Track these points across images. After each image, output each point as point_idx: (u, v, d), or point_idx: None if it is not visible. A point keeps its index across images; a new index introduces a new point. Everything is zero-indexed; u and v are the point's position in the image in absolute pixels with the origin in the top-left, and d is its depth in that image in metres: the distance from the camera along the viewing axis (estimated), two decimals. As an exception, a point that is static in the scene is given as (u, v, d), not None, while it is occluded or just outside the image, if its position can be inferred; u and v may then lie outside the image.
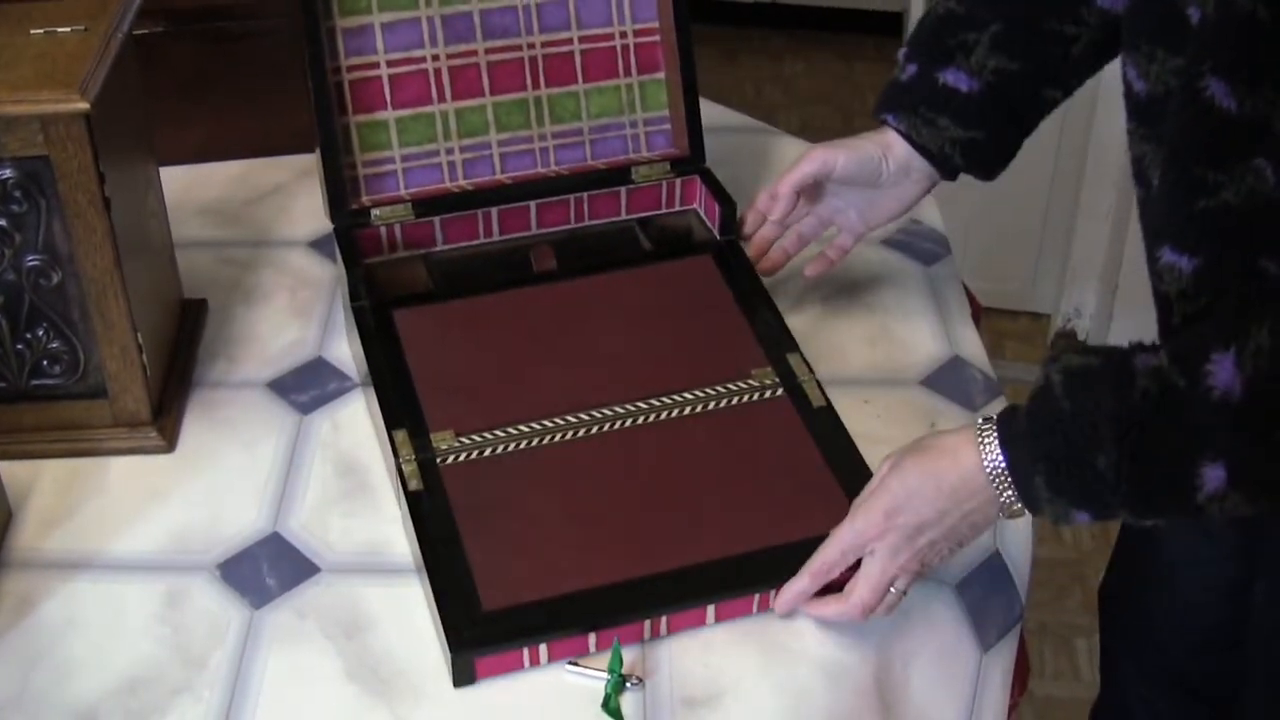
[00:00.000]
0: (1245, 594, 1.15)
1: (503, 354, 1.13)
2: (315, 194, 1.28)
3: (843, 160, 1.14)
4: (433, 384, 1.09)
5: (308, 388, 1.18)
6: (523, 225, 1.26)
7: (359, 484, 1.09)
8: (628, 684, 0.93)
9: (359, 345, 1.14)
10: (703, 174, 1.27)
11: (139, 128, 1.14)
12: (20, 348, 1.08)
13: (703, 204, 1.28)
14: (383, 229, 1.21)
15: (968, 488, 0.90)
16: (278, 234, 1.37)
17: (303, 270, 1.32)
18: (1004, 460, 0.88)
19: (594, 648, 0.95)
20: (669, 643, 0.96)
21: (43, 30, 1.04)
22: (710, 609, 0.96)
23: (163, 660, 0.96)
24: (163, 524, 1.06)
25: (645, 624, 0.95)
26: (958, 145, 1.12)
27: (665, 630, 0.96)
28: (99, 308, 1.06)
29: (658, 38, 1.28)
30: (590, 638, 0.94)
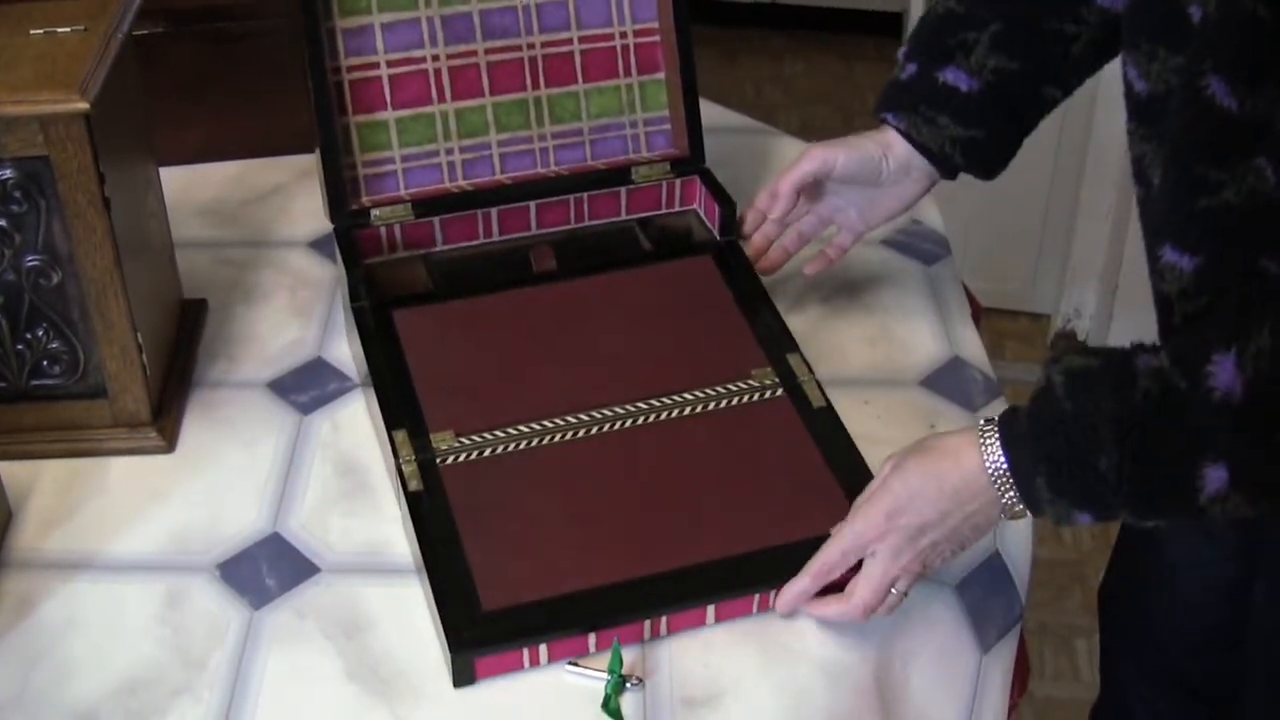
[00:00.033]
0: (1245, 594, 1.15)
1: (503, 354, 1.13)
2: (315, 194, 1.28)
3: (843, 159, 1.14)
4: (432, 384, 1.09)
5: (308, 388, 1.18)
6: (523, 225, 1.26)
7: (359, 484, 1.09)
8: (628, 684, 0.93)
9: (359, 345, 1.14)
10: (703, 174, 1.27)
11: (139, 128, 1.14)
12: (20, 348, 1.08)
13: (702, 204, 1.28)
14: (382, 229, 1.21)
15: (970, 489, 0.90)
16: (277, 234, 1.37)
17: (302, 270, 1.32)
18: (1006, 461, 0.88)
19: (594, 648, 0.95)
20: (669, 643, 0.96)
21: (43, 30, 1.04)
22: (710, 609, 0.96)
23: (163, 661, 0.96)
24: (163, 524, 1.06)
25: (645, 624, 0.95)
26: (958, 144, 1.12)
27: (665, 630, 0.96)
28: (99, 308, 1.06)
29: (658, 38, 1.28)
30: (590, 638, 0.94)
